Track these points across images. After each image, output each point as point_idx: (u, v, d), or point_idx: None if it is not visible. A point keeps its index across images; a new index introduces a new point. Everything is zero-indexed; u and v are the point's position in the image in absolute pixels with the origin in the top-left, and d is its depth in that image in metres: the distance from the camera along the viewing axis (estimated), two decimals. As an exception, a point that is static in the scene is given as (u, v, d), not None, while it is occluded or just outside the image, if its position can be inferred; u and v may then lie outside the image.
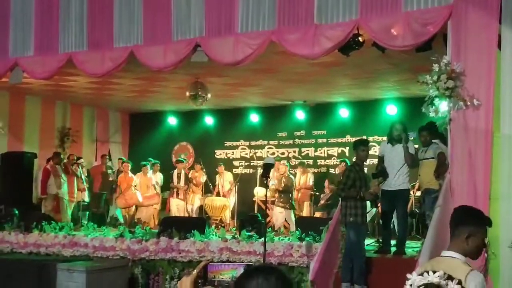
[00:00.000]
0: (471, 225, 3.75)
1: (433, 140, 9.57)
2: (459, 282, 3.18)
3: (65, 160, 15.74)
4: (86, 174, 16.16)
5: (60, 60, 11.10)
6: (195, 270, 2.61)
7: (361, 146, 9.17)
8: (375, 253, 9.47)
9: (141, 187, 15.73)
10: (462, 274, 3.43)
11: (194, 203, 15.83)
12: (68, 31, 10.98)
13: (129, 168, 15.91)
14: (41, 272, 10.89)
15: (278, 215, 14.58)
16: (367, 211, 9.44)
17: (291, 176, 14.98)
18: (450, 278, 3.09)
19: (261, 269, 2.44)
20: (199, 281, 2.57)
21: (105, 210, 16.08)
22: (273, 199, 14.99)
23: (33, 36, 11.33)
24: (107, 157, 17.11)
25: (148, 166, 15.99)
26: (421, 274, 2.96)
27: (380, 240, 10.17)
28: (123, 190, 15.46)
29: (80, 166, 15.64)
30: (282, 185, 14.66)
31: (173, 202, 15.73)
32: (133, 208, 15.55)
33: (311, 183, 15.44)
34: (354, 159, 9.60)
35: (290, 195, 14.73)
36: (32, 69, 11.44)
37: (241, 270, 7.98)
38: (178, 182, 15.93)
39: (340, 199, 9.24)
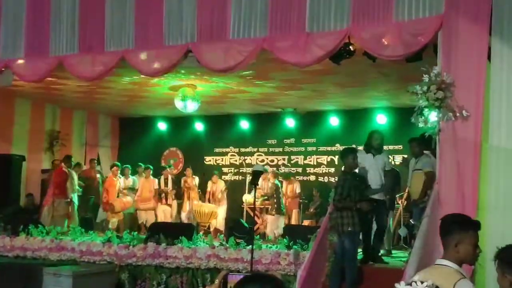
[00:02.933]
0: (457, 233, 3.81)
1: (424, 152, 9.60)
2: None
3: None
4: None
5: (51, 63, 11.04)
6: (217, 280, 2.60)
7: (351, 155, 9.16)
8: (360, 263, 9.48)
9: (144, 191, 15.72)
10: (451, 283, 3.45)
11: (186, 209, 15.80)
12: (59, 34, 10.91)
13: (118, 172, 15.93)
14: (28, 276, 10.84)
15: (272, 223, 14.57)
16: None
17: (277, 183, 14.97)
18: (437, 287, 3.10)
19: (259, 277, 2.43)
20: None
21: (93, 214, 15.98)
22: (261, 206, 14.99)
23: (24, 38, 11.27)
24: (95, 161, 17.03)
25: (142, 170, 16.01)
26: (410, 284, 2.96)
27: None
28: (110, 196, 15.48)
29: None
30: (265, 191, 14.68)
31: (160, 208, 15.71)
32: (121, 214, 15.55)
33: (298, 191, 15.46)
34: (343, 168, 9.60)
35: (275, 201, 14.69)
36: (22, 72, 11.37)
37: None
38: (165, 187, 15.93)
39: (330, 207, 9.22)
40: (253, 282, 2.36)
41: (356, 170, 9.40)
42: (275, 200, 14.70)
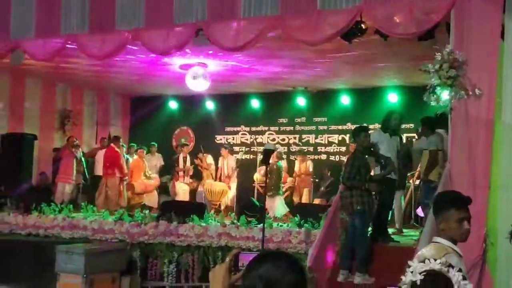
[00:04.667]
0: (437, 213, 4.02)
1: (437, 130, 9.57)
2: (460, 270, 3.19)
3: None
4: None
5: (62, 42, 11.06)
6: (228, 258, 2.59)
7: (363, 133, 9.14)
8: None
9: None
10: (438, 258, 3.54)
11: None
12: (70, 13, 10.90)
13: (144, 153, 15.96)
14: (40, 253, 10.94)
15: (269, 203, 14.50)
16: None
17: (279, 163, 14.88)
18: (451, 265, 3.11)
19: (274, 254, 2.41)
20: (232, 269, 2.55)
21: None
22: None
23: (34, 17, 11.26)
24: (106, 140, 17.08)
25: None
26: (423, 261, 2.96)
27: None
28: (135, 176, 15.51)
29: (80, 149, 15.59)
30: (274, 171, 14.66)
31: (178, 186, 15.69)
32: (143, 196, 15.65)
33: (311, 169, 15.44)
34: (353, 147, 9.59)
35: (274, 182, 14.58)
36: (33, 50, 11.39)
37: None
38: (185, 165, 15.91)
39: (341, 186, 9.22)
40: (267, 260, 2.35)
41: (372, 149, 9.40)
42: (273, 182, 14.53)
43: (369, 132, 9.54)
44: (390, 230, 10.15)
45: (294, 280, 2.28)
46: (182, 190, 15.66)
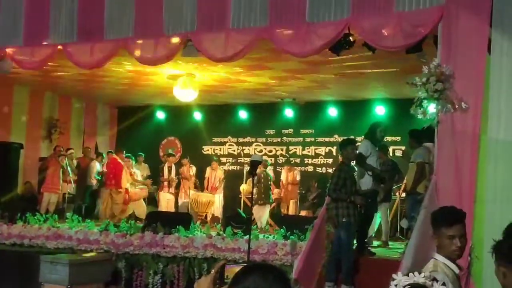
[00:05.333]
0: (433, 229, 4.07)
1: (424, 144, 9.62)
2: (444, 284, 3.21)
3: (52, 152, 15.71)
4: (75, 166, 16.06)
5: (50, 51, 11.02)
6: (213, 270, 2.57)
7: (350, 146, 9.18)
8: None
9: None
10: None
11: (182, 198, 15.81)
12: (59, 22, 10.87)
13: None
14: (24, 263, 10.85)
15: (259, 212, 14.51)
16: None
17: (267, 172, 14.92)
18: (435, 279, 3.12)
19: (260, 266, 2.41)
20: (217, 281, 2.53)
21: (92, 203, 15.95)
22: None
23: (23, 26, 11.22)
24: (89, 149, 17.01)
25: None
26: (407, 275, 2.96)
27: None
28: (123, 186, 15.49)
29: (66, 158, 15.51)
30: (256, 180, 14.67)
31: (163, 196, 15.68)
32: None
33: (298, 178, 15.46)
34: (341, 159, 9.60)
35: (263, 190, 14.60)
36: (21, 59, 11.35)
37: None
38: (170, 175, 15.90)
39: (328, 198, 9.23)
40: (254, 272, 2.33)
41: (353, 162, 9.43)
42: (262, 190, 14.57)
43: (356, 144, 9.59)
44: (376, 243, 10.16)
45: None
46: (166, 200, 15.63)
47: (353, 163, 9.43)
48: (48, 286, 9.79)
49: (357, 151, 9.41)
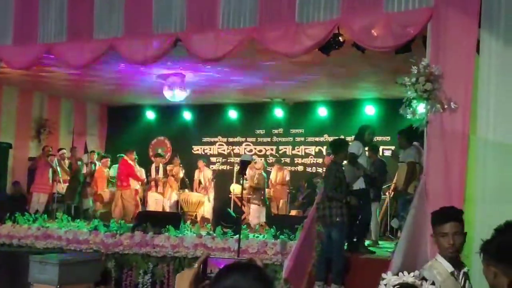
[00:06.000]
0: (432, 228, 4.12)
1: (414, 143, 9.65)
2: (433, 283, 3.22)
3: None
4: (67, 166, 16.02)
5: (39, 50, 10.98)
6: (196, 264, 2.56)
7: (345, 146, 9.24)
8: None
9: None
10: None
11: (171, 197, 15.81)
12: (48, 21, 10.82)
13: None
14: (13, 263, 10.80)
15: (253, 212, 14.56)
16: None
17: (264, 174, 15.00)
18: (424, 278, 3.15)
19: (240, 265, 2.41)
20: (200, 275, 2.52)
21: (80, 203, 15.94)
22: (249, 196, 15.00)
23: (12, 25, 11.18)
24: (76, 149, 16.98)
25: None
26: (396, 274, 2.98)
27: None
28: (99, 186, 15.48)
29: (56, 158, 15.47)
30: (255, 181, 14.68)
31: (151, 196, 15.67)
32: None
33: (287, 178, 15.48)
34: (332, 159, 9.61)
35: (263, 192, 14.73)
36: (10, 59, 11.30)
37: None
38: (157, 175, 15.91)
39: (318, 198, 9.24)
40: (234, 271, 2.34)
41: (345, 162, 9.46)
42: (262, 192, 14.70)
43: (354, 144, 9.69)
44: (366, 242, 10.19)
45: None
46: (154, 199, 15.63)
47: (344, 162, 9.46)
48: (38, 286, 9.75)
49: (350, 151, 9.44)
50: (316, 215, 8.99)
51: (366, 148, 10.17)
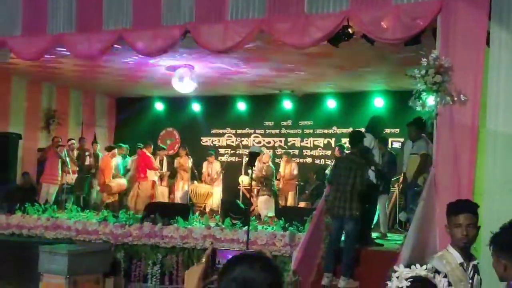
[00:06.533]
0: (447, 219, 4.21)
1: (422, 135, 9.62)
2: (445, 276, 3.22)
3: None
4: (76, 157, 16.08)
5: (48, 41, 10.99)
6: (203, 259, 2.57)
7: (362, 139, 9.23)
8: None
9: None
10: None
11: (182, 189, 15.85)
12: (57, 12, 10.81)
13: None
14: (23, 253, 10.86)
15: (262, 204, 14.56)
16: None
17: (271, 165, 15.00)
18: (437, 271, 3.15)
19: (248, 256, 2.42)
20: (209, 270, 2.53)
21: (89, 193, 16.01)
22: (258, 187, 15.01)
23: (21, 16, 11.19)
24: (85, 140, 17.04)
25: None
26: (409, 267, 2.98)
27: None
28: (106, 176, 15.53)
29: (65, 149, 15.50)
30: (264, 173, 14.68)
31: (158, 189, 15.71)
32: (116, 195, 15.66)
33: (295, 172, 15.45)
34: (350, 151, 9.49)
35: (272, 183, 14.73)
36: (19, 49, 11.31)
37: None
38: (161, 168, 15.95)
39: (326, 190, 9.22)
40: (241, 262, 2.35)
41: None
42: (272, 182, 14.73)
43: (367, 137, 9.65)
44: (375, 235, 10.19)
45: (269, 282, 2.29)
46: (160, 192, 15.69)
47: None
48: (47, 276, 9.83)
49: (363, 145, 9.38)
50: (325, 207, 8.99)
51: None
